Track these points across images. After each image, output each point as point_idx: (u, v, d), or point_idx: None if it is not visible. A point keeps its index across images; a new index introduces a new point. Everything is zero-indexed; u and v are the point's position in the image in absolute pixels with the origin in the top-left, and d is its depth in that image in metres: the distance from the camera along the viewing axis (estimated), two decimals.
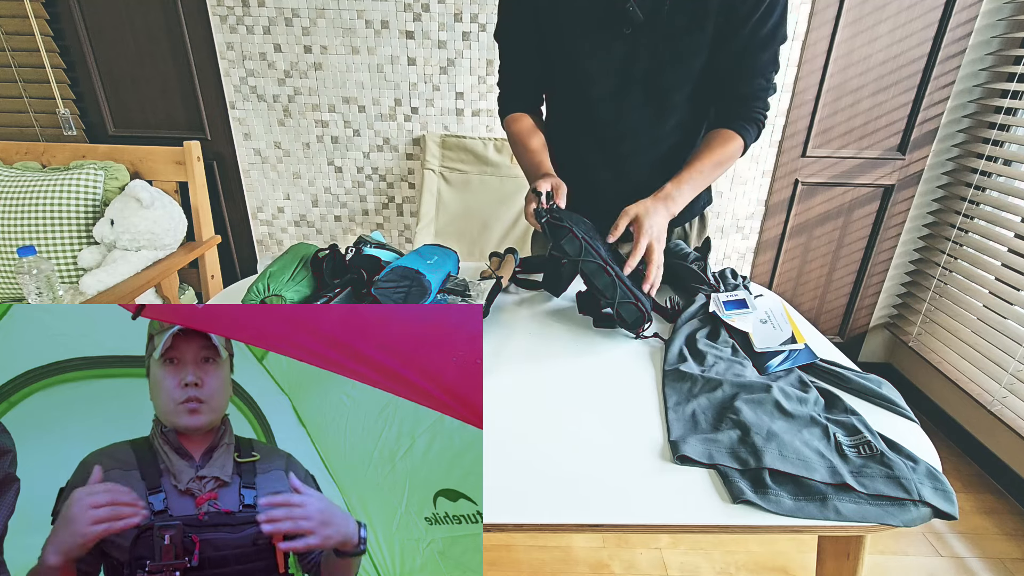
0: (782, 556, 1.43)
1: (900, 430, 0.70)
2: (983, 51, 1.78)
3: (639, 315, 0.88)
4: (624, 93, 0.99)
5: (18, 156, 1.78)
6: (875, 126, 1.89)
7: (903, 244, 2.07)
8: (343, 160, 1.95)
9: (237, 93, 1.86)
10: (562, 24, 0.96)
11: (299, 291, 0.92)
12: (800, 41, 1.78)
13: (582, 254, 0.87)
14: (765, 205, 2.01)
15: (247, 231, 2.07)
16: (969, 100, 1.85)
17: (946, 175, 1.95)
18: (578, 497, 0.60)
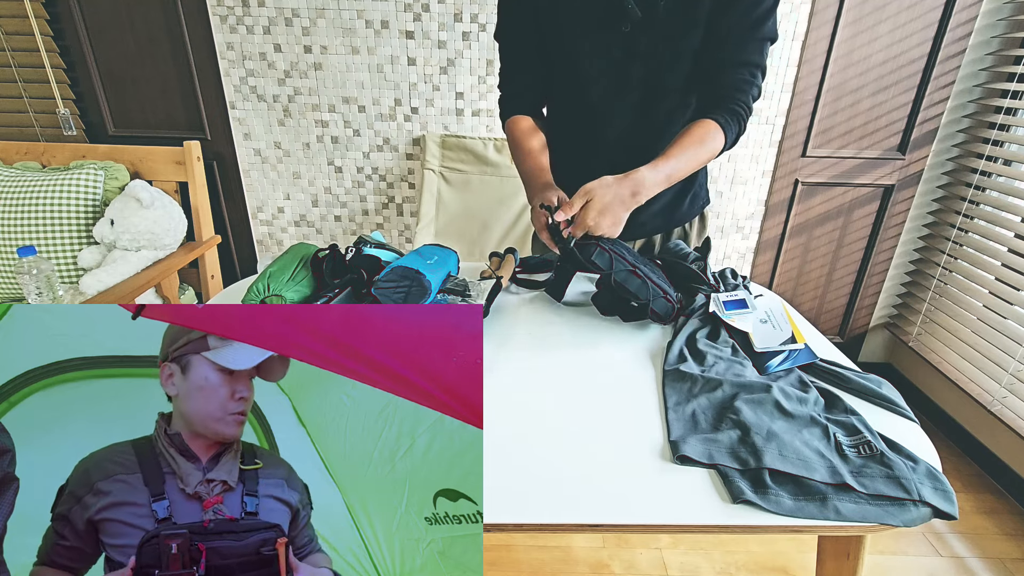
0: (782, 556, 1.43)
1: (900, 430, 0.70)
2: (983, 51, 1.78)
3: (670, 307, 0.91)
4: (623, 91, 0.99)
5: (18, 156, 1.78)
6: (875, 126, 1.89)
7: (903, 244, 2.07)
8: (343, 160, 1.95)
9: (237, 93, 1.86)
10: (561, 23, 0.97)
11: (299, 291, 0.92)
12: (800, 41, 1.78)
13: (613, 265, 0.89)
14: (765, 205, 2.01)
15: (247, 231, 2.07)
16: (969, 100, 1.85)
17: (946, 175, 1.95)
18: (578, 497, 0.60)
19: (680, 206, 1.14)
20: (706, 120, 0.95)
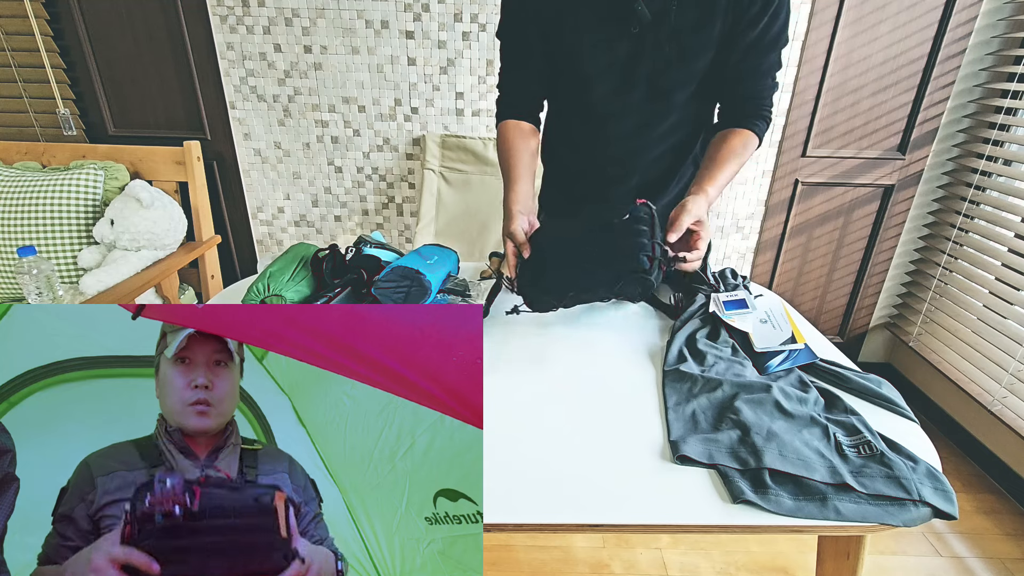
0: (782, 556, 1.43)
1: (900, 430, 0.70)
2: (983, 51, 1.78)
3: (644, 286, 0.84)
4: (628, 92, 0.99)
5: (18, 156, 1.78)
6: (875, 126, 1.89)
7: (903, 244, 2.07)
8: (343, 160, 1.95)
9: (237, 93, 1.86)
10: (566, 22, 0.96)
11: (299, 291, 0.92)
12: (800, 41, 1.78)
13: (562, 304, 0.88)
14: (765, 205, 2.01)
15: (247, 231, 2.07)
16: (969, 100, 1.84)
17: (946, 175, 1.95)
18: (578, 497, 0.60)
19: None
20: (742, 130, 0.99)
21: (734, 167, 0.97)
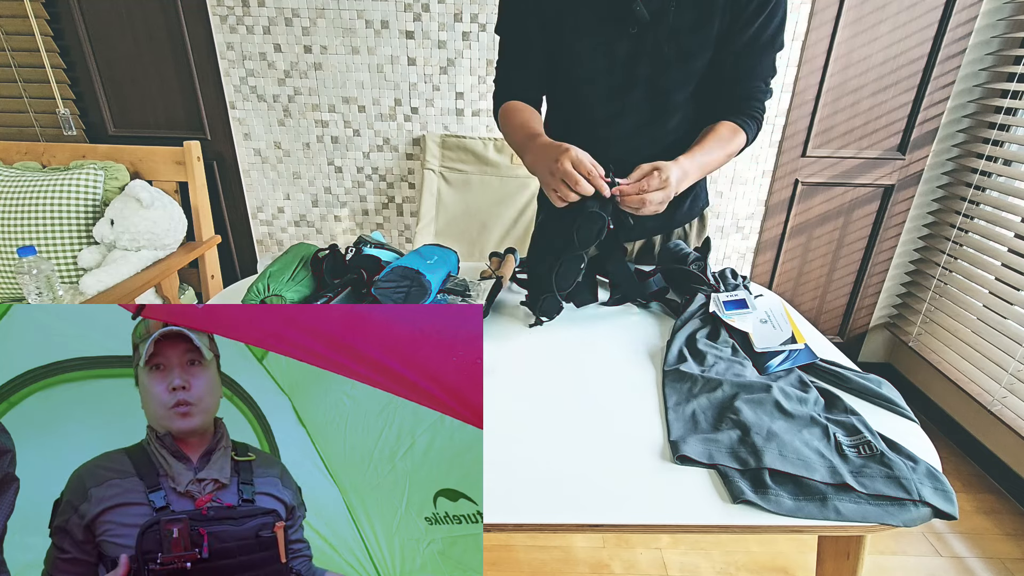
0: (782, 556, 1.43)
1: (900, 430, 0.70)
2: (983, 51, 1.78)
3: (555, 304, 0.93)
4: (626, 92, 0.99)
5: (18, 156, 1.78)
6: (875, 126, 1.89)
7: (903, 244, 2.07)
8: (343, 160, 1.95)
9: (237, 93, 1.86)
10: (566, 21, 0.96)
11: (299, 291, 0.92)
12: (800, 41, 1.78)
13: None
14: (765, 205, 2.01)
15: (247, 231, 2.07)
16: (969, 100, 1.85)
17: (946, 175, 1.95)
18: (578, 497, 0.60)
19: (680, 207, 1.14)
20: (726, 122, 0.99)
21: (717, 153, 0.97)
